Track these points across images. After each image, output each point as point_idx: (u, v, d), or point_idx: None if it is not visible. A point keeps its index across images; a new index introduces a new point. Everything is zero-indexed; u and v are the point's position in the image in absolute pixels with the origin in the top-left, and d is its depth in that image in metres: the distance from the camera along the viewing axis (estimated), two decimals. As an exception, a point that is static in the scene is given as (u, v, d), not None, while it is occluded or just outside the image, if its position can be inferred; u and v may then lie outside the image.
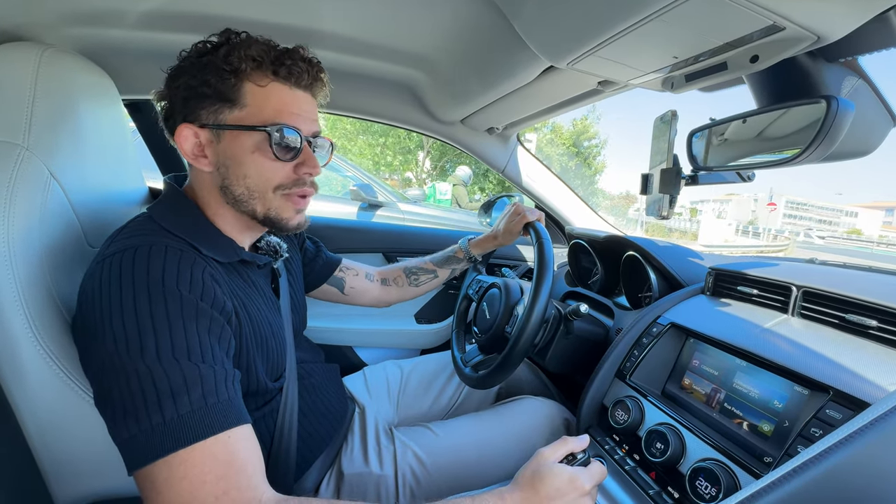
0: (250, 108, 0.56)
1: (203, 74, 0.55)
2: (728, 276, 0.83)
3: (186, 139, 0.57)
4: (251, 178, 0.58)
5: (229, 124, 0.56)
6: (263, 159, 0.57)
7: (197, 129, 0.57)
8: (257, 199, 0.59)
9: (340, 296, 1.00)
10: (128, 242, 0.52)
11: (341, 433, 0.79)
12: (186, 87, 0.56)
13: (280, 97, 0.57)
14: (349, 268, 1.00)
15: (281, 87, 0.58)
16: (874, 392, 0.50)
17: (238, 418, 0.48)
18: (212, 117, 0.56)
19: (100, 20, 0.81)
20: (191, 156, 0.58)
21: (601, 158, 17.38)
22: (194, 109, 0.56)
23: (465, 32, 0.83)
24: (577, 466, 0.54)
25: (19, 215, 0.56)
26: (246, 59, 0.55)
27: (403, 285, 1.05)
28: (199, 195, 0.62)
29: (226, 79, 0.55)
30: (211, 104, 0.56)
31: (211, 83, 0.55)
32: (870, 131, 0.61)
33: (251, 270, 0.66)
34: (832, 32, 0.49)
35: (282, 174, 0.59)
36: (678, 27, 0.52)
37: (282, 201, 0.60)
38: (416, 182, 12.47)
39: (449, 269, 1.07)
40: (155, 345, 0.46)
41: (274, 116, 0.56)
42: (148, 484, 0.44)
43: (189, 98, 0.56)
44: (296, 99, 0.59)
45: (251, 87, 0.56)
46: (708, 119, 0.74)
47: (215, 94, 0.55)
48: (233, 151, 0.57)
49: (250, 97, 0.56)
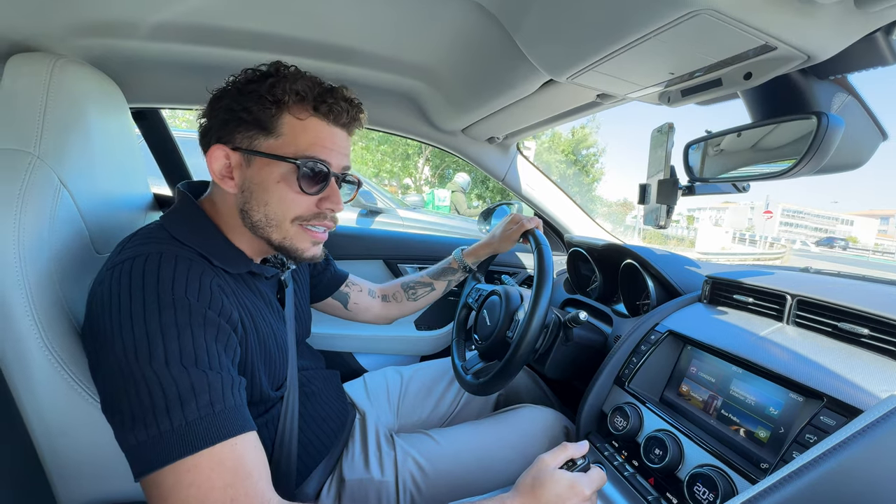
0: (285, 139, 0.57)
1: (245, 101, 0.57)
2: (724, 284, 0.84)
3: (217, 159, 0.58)
4: (271, 206, 0.59)
5: (262, 151, 0.57)
6: (287, 190, 0.58)
7: (229, 150, 0.58)
8: (274, 227, 0.60)
9: (343, 311, 1.00)
10: (138, 250, 0.53)
11: (342, 439, 0.80)
12: (227, 109, 0.58)
13: (316, 132, 0.59)
14: (354, 283, 1.01)
15: (319, 122, 0.59)
16: (866, 399, 0.51)
17: (244, 425, 0.49)
18: (246, 142, 0.58)
19: (110, 31, 0.82)
20: (218, 175, 0.59)
21: (599, 166, 17.51)
22: (230, 132, 0.58)
23: (467, 45, 0.85)
24: (576, 472, 0.55)
25: (30, 222, 0.57)
26: (290, 93, 0.56)
27: (402, 300, 1.06)
28: (218, 211, 0.62)
29: (266, 108, 0.56)
30: (247, 129, 0.57)
31: (252, 110, 0.57)
32: (860, 145, 0.63)
33: (259, 280, 0.66)
34: (822, 52, 0.51)
35: (303, 206, 0.60)
36: (674, 45, 0.54)
37: (298, 231, 0.61)
38: (415, 188, 12.50)
39: (445, 281, 1.08)
40: (164, 352, 0.46)
41: (306, 149, 0.58)
42: (155, 490, 0.45)
43: (228, 121, 0.58)
44: (332, 135, 0.60)
45: (290, 119, 0.58)
46: (704, 132, 0.76)
47: (254, 120, 0.57)
48: (260, 178, 0.58)
49: (287, 128, 0.58)
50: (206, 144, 0.60)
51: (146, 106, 1.13)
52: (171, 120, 2.01)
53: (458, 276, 1.08)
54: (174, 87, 1.05)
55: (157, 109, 1.21)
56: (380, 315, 1.05)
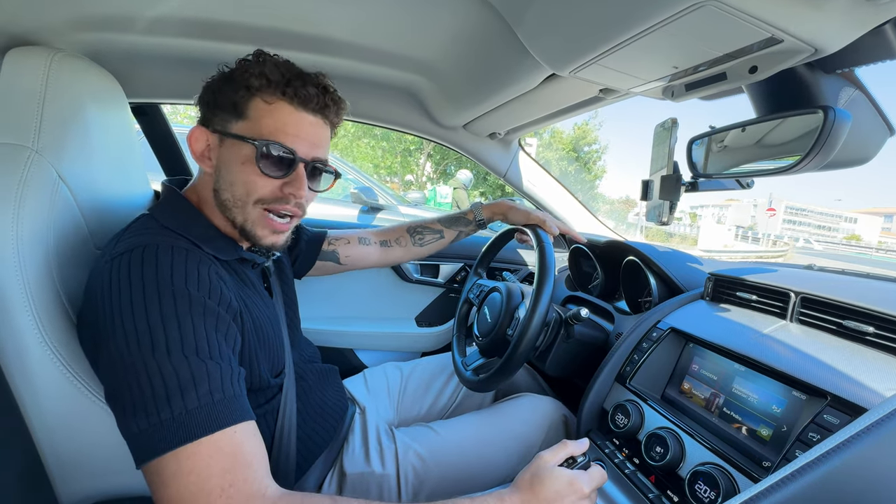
0: (251, 122, 0.59)
1: (223, 86, 0.60)
2: (727, 281, 0.84)
3: (198, 140, 0.62)
4: (236, 186, 0.60)
5: (231, 133, 0.59)
6: (250, 171, 0.59)
7: (209, 132, 0.61)
8: (238, 208, 0.61)
9: (338, 267, 0.99)
10: (134, 242, 0.53)
11: (341, 433, 0.80)
12: (210, 95, 0.61)
13: (283, 116, 0.59)
14: (338, 238, 1.00)
15: (286, 107, 0.59)
16: (871, 398, 0.51)
17: (243, 414, 0.49)
18: (221, 125, 0.60)
19: (109, 25, 0.82)
20: (198, 155, 0.62)
21: (601, 163, 17.45)
22: (210, 116, 0.61)
23: (469, 39, 0.84)
24: (576, 470, 0.55)
25: (28, 217, 0.57)
26: (258, 76, 0.58)
27: (407, 245, 1.04)
28: (201, 195, 0.64)
29: (238, 91, 0.59)
30: (222, 112, 0.60)
31: (226, 93, 0.59)
32: (867, 140, 0.62)
33: (246, 268, 0.67)
34: (829, 45, 0.50)
35: (266, 190, 0.60)
36: (679, 38, 0.53)
37: (260, 216, 0.61)
38: (416, 185, 12.49)
39: (456, 231, 1.05)
40: (164, 342, 0.47)
41: (270, 133, 0.58)
42: (156, 477, 0.45)
43: (208, 105, 0.61)
44: (299, 121, 0.60)
45: (259, 102, 0.59)
46: (708, 127, 0.75)
47: (228, 104, 0.60)
48: (228, 158, 0.60)
49: (255, 112, 0.59)
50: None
51: (146, 101, 1.13)
52: (173, 116, 2.00)
53: (470, 228, 1.05)
54: (174, 81, 1.05)
55: (158, 104, 1.20)
56: (380, 261, 1.04)
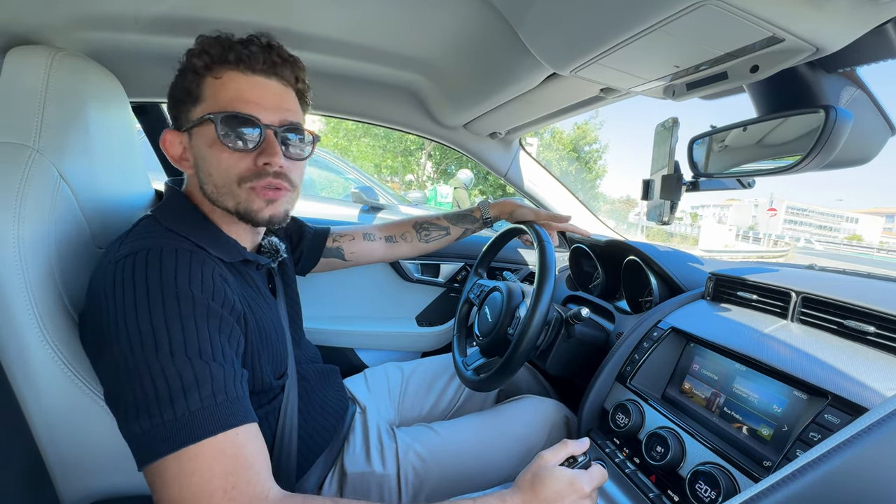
0: (207, 101, 0.56)
1: (178, 80, 0.58)
2: (728, 281, 0.84)
3: (172, 145, 0.59)
4: (213, 174, 0.57)
5: (192, 120, 0.57)
6: (220, 152, 0.55)
7: (179, 133, 0.59)
8: (225, 193, 0.58)
9: (343, 263, 0.99)
10: (138, 244, 0.53)
11: (342, 433, 0.80)
12: (170, 95, 0.59)
13: (235, 85, 0.56)
14: (343, 234, 0.99)
15: (235, 74, 0.56)
16: (872, 397, 0.51)
17: (245, 416, 0.49)
18: (184, 118, 0.58)
19: (110, 24, 0.82)
20: (176, 160, 0.59)
21: (602, 163, 17.43)
22: (175, 115, 0.59)
23: (470, 39, 0.84)
24: (577, 469, 0.55)
25: (30, 216, 0.57)
26: (199, 55, 0.55)
27: (413, 240, 1.03)
28: (194, 198, 0.63)
29: (189, 78, 0.56)
30: (183, 106, 0.57)
31: (183, 86, 0.57)
32: (868, 140, 0.62)
33: (251, 270, 0.67)
34: (831, 44, 0.50)
35: (242, 166, 0.56)
36: (680, 37, 0.53)
37: (249, 194, 0.58)
38: (417, 185, 12.49)
39: (462, 229, 1.05)
40: (168, 343, 0.47)
41: (226, 105, 0.55)
42: (158, 479, 0.45)
43: (171, 105, 0.59)
44: (253, 85, 0.56)
45: (210, 80, 0.56)
46: (709, 126, 0.75)
47: (185, 95, 0.57)
48: (198, 148, 0.57)
49: (208, 90, 0.56)
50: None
51: (147, 100, 1.13)
52: (174, 115, 1.98)
53: (476, 226, 1.05)
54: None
55: (159, 104, 1.21)
56: (385, 256, 1.04)
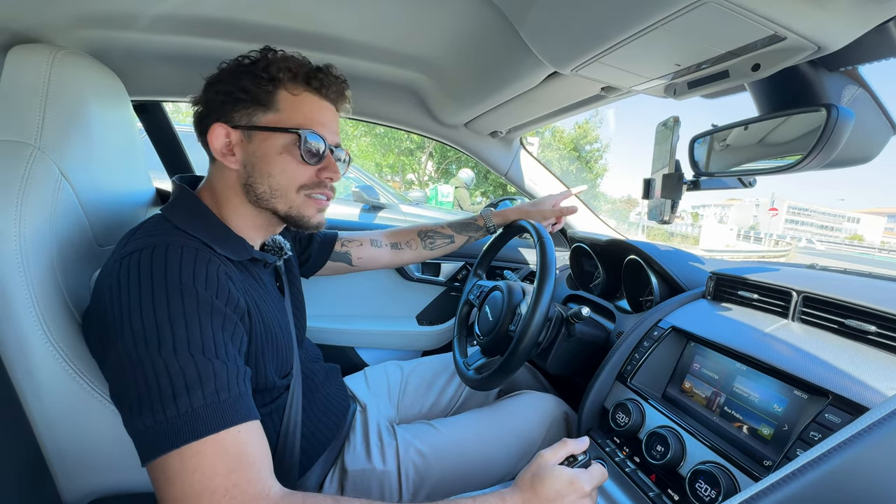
0: (283, 113, 0.61)
1: (241, 81, 0.60)
2: (729, 280, 0.83)
3: (218, 137, 0.60)
4: (275, 177, 0.61)
5: (262, 125, 0.60)
6: (290, 160, 0.61)
7: (229, 129, 0.61)
8: (279, 197, 0.62)
9: (349, 268, 1.02)
10: (145, 241, 0.53)
11: (343, 431, 0.80)
12: (224, 92, 0.61)
13: (310, 106, 0.63)
14: (351, 240, 1.01)
15: (311, 97, 0.63)
16: (873, 397, 0.50)
17: (248, 414, 0.49)
18: (245, 119, 0.60)
19: (111, 23, 0.82)
20: (220, 153, 0.61)
21: (602, 162, 17.40)
22: (229, 112, 0.61)
23: (471, 37, 0.84)
24: (577, 468, 0.55)
25: (31, 214, 0.57)
26: (283, 70, 0.60)
27: (417, 248, 1.06)
28: (218, 193, 0.63)
29: (262, 85, 0.60)
30: (245, 107, 0.60)
31: (248, 89, 0.60)
32: (870, 139, 0.62)
33: (258, 268, 0.67)
34: (833, 42, 0.50)
35: (305, 176, 0.63)
36: (681, 36, 0.53)
37: (304, 200, 0.64)
38: (418, 184, 12.49)
39: (466, 237, 1.08)
40: (172, 340, 0.47)
41: (304, 122, 0.61)
42: (160, 475, 0.45)
43: (225, 101, 0.61)
44: (323, 109, 0.64)
45: (285, 94, 0.61)
46: (710, 125, 0.75)
47: (251, 98, 0.60)
48: (262, 151, 0.61)
49: (284, 103, 0.61)
50: (204, 127, 0.62)
51: (148, 99, 1.13)
52: (175, 115, 1.98)
53: (479, 234, 1.09)
54: (176, 79, 1.05)
55: (160, 102, 1.21)
56: (391, 262, 1.07)
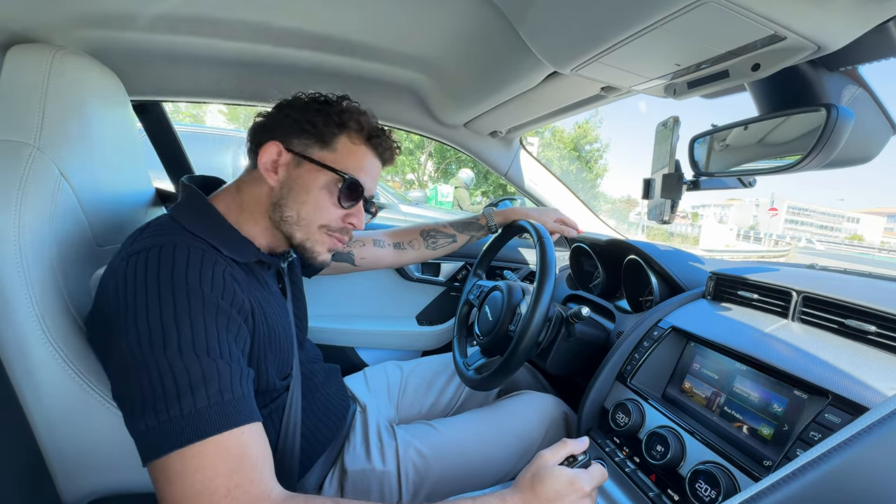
0: (338, 155, 0.65)
1: (311, 115, 0.64)
2: (729, 280, 0.83)
3: (269, 153, 0.63)
4: (307, 207, 0.64)
5: (315, 159, 0.64)
6: (326, 197, 0.64)
7: (283, 149, 0.64)
8: (302, 227, 0.65)
9: (353, 268, 1.03)
10: (152, 241, 0.53)
11: (343, 431, 0.80)
12: (293, 118, 0.64)
13: (365, 159, 0.68)
14: (353, 240, 1.01)
15: (368, 152, 0.68)
16: (873, 397, 0.50)
17: (250, 415, 0.49)
18: (301, 147, 0.64)
19: (110, 23, 0.82)
20: (264, 166, 0.63)
21: (602, 162, 17.41)
22: (289, 136, 0.64)
23: (470, 37, 0.84)
24: (577, 468, 0.55)
25: (30, 214, 0.57)
26: (354, 121, 0.66)
27: (420, 248, 1.07)
28: (244, 200, 0.65)
29: (330, 126, 0.65)
30: (307, 138, 0.64)
31: (316, 124, 0.64)
32: (870, 139, 0.62)
33: (263, 271, 0.67)
34: (833, 42, 0.50)
35: (332, 216, 0.66)
36: (681, 36, 0.53)
37: (322, 237, 0.67)
38: (417, 184, 12.49)
39: (468, 236, 1.09)
40: (177, 340, 0.47)
41: (353, 170, 0.65)
42: (162, 475, 0.45)
43: (290, 126, 0.64)
44: (373, 165, 0.69)
45: (346, 141, 0.66)
46: (710, 125, 0.75)
47: (315, 132, 0.64)
48: (305, 180, 0.64)
49: (342, 147, 0.66)
50: (259, 139, 0.65)
51: (147, 99, 1.13)
52: (174, 115, 1.98)
53: (481, 233, 1.10)
54: (175, 79, 1.05)
55: (159, 102, 1.21)
56: (394, 262, 1.08)
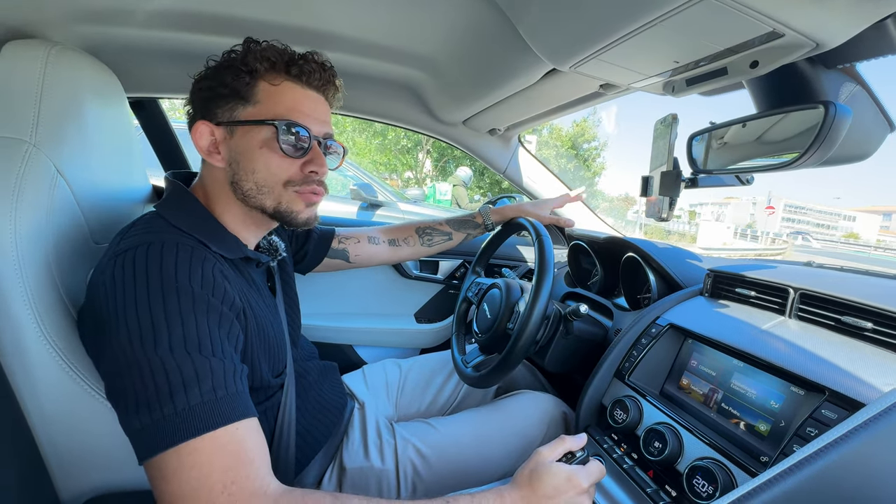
0: (262, 105, 0.59)
1: (221, 76, 0.59)
2: (726, 277, 0.84)
3: (202, 135, 0.59)
4: (259, 172, 0.59)
5: (241, 120, 0.59)
6: (271, 154, 0.59)
7: (213, 126, 0.59)
8: (266, 193, 0.60)
9: (347, 265, 1.02)
10: (140, 239, 0.53)
11: (340, 429, 0.80)
12: (207, 88, 0.59)
13: (292, 95, 0.60)
14: (348, 237, 1.01)
15: (293, 86, 0.60)
16: (869, 393, 0.51)
17: (245, 411, 0.49)
18: (226, 115, 0.59)
19: (106, 19, 0.81)
20: (205, 151, 0.60)
21: (600, 160, 17.42)
22: (211, 108, 0.59)
23: (469, 34, 0.84)
24: (575, 465, 0.55)
25: (26, 211, 0.57)
26: (261, 60, 0.58)
27: (415, 245, 1.06)
28: (209, 191, 0.63)
29: (241, 77, 0.58)
30: (226, 102, 0.59)
31: (227, 83, 0.58)
32: (867, 136, 0.62)
33: (250, 268, 0.67)
34: (831, 39, 0.50)
35: (290, 171, 0.61)
36: (679, 32, 0.53)
37: (292, 196, 0.62)
38: (416, 182, 12.48)
39: (464, 234, 1.08)
40: (168, 338, 0.47)
41: (284, 113, 0.59)
42: (158, 473, 0.45)
43: (208, 98, 0.59)
44: (307, 98, 0.61)
45: (265, 85, 0.59)
46: (708, 123, 0.75)
47: (231, 92, 0.58)
48: (243, 146, 0.59)
49: (263, 94, 0.59)
50: (190, 125, 0.61)
51: (144, 96, 1.12)
52: (171, 112, 1.96)
53: (477, 231, 1.09)
54: (173, 76, 1.04)
55: (156, 99, 1.20)
56: (389, 259, 1.07)
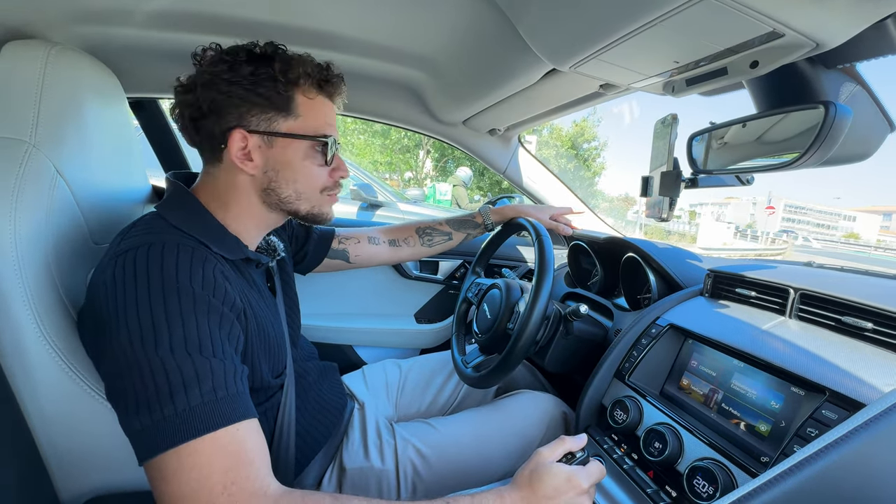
0: (304, 119, 0.61)
1: (256, 85, 0.57)
2: (726, 278, 0.84)
3: (235, 142, 0.58)
4: (301, 182, 0.63)
5: (284, 132, 0.60)
6: (312, 165, 0.63)
7: (246, 133, 0.59)
8: (304, 199, 0.65)
9: (347, 265, 1.02)
10: (140, 240, 0.53)
11: (340, 429, 0.80)
12: (238, 96, 0.57)
13: (324, 110, 0.64)
14: (348, 237, 1.01)
15: (324, 100, 0.64)
16: (869, 393, 0.51)
17: (246, 412, 0.49)
18: (263, 125, 0.59)
19: (106, 19, 0.81)
20: (238, 158, 0.59)
21: (600, 160, 17.43)
22: (243, 116, 0.58)
23: (469, 35, 0.84)
24: (575, 465, 0.55)
25: (26, 211, 0.57)
26: (303, 75, 0.60)
27: (415, 245, 1.07)
28: (220, 194, 0.62)
29: (280, 91, 0.59)
30: (262, 112, 0.59)
31: (263, 93, 0.58)
32: (867, 136, 0.62)
33: (250, 268, 0.67)
34: (831, 39, 0.50)
35: (324, 178, 0.65)
36: (680, 33, 0.53)
37: (325, 199, 0.67)
38: (416, 182, 12.48)
39: (464, 234, 1.09)
40: (168, 339, 0.47)
41: (323, 128, 0.63)
42: (158, 474, 0.45)
43: (239, 105, 0.58)
44: (332, 110, 0.66)
45: (302, 99, 0.61)
46: (708, 123, 0.75)
47: (267, 103, 0.59)
48: (286, 158, 0.61)
49: (303, 108, 0.61)
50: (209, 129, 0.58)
51: (144, 96, 1.12)
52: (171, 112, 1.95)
53: (477, 231, 1.10)
54: (173, 76, 1.03)
55: (156, 100, 1.20)
56: (389, 259, 1.07)
